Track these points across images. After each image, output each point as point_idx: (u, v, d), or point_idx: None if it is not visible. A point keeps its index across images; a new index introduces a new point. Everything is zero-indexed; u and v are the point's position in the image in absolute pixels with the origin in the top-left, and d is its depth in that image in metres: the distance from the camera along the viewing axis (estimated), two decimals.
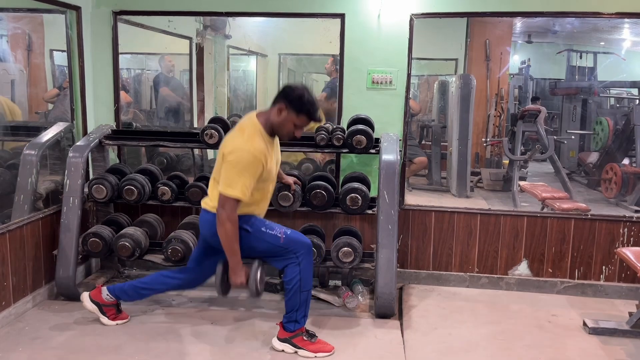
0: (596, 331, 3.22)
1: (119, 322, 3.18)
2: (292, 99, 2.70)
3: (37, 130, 3.84)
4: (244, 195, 2.63)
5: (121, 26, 3.95)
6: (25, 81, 4.41)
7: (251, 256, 2.86)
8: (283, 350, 2.90)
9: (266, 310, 3.42)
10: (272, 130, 2.77)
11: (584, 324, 3.30)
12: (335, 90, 3.99)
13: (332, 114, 4.17)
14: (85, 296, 3.17)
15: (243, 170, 2.62)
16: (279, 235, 2.82)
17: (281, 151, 3.59)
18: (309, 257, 2.86)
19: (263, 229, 2.83)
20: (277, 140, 2.89)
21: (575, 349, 3.05)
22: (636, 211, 5.19)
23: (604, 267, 3.81)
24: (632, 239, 3.76)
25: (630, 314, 3.26)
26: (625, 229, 3.76)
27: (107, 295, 3.15)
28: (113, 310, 3.18)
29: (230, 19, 4.93)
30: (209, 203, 2.81)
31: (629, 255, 3.21)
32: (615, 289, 3.80)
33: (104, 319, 3.16)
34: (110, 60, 3.94)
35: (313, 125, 4.00)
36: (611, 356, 2.96)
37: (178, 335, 3.09)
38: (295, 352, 2.89)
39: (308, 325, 3.06)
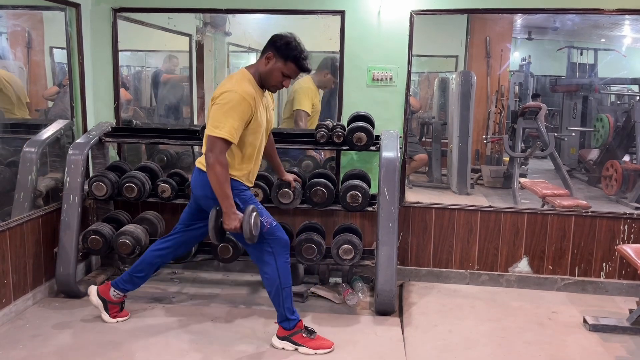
0: (596, 328, 3.22)
1: (119, 319, 3.18)
2: (280, 45, 2.68)
3: (37, 127, 3.83)
4: (232, 137, 2.58)
5: (121, 23, 3.94)
6: (25, 78, 4.40)
7: (229, 234, 2.84)
8: (283, 348, 2.90)
9: (266, 307, 3.42)
10: (261, 82, 2.75)
11: (584, 321, 3.30)
12: (329, 63, 4.02)
13: (326, 84, 4.20)
14: (93, 290, 3.18)
15: (230, 110, 2.58)
16: (265, 223, 2.79)
17: (281, 148, 3.61)
18: (285, 255, 2.85)
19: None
20: (267, 95, 2.87)
21: (575, 346, 3.05)
22: (637, 208, 5.18)
23: (604, 264, 3.81)
24: (632, 236, 3.76)
25: (631, 310, 3.26)
26: (626, 226, 3.76)
27: (115, 292, 3.15)
28: (116, 308, 3.19)
29: (230, 16, 4.92)
30: (202, 162, 2.75)
31: (630, 252, 3.21)
32: (616, 286, 3.80)
33: (106, 316, 3.16)
34: (110, 58, 3.94)
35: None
36: (611, 353, 2.96)
37: (178, 332, 3.09)
38: (296, 349, 2.89)
39: (307, 322, 3.06)
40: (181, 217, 3.10)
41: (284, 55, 2.69)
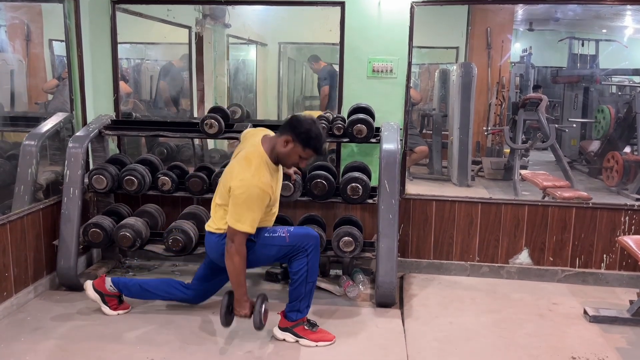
0: (597, 319, 3.23)
1: (120, 312, 3.19)
2: (300, 132, 2.72)
3: (36, 120, 3.82)
4: (253, 229, 2.70)
5: (120, 15, 3.92)
6: (25, 71, 4.39)
7: (264, 264, 2.98)
8: (284, 340, 2.91)
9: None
10: (276, 159, 2.82)
11: (585, 312, 3.30)
12: (335, 77, 3.98)
13: (333, 102, 4.18)
14: (88, 284, 3.19)
15: (252, 205, 2.67)
16: (283, 235, 2.84)
17: None
18: (317, 250, 2.88)
19: (266, 234, 2.85)
20: (280, 167, 2.93)
21: (576, 337, 3.05)
22: (637, 199, 5.17)
23: (605, 256, 3.81)
24: (633, 227, 3.75)
25: (631, 302, 3.26)
26: (627, 217, 3.76)
27: (111, 286, 3.16)
28: (115, 301, 3.19)
29: (229, 7, 4.90)
30: (212, 226, 2.88)
31: (630, 244, 3.20)
32: (616, 277, 3.80)
33: (106, 309, 3.17)
34: (109, 50, 3.92)
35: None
36: (612, 344, 2.97)
37: (179, 325, 3.09)
38: (297, 341, 2.89)
39: (309, 315, 3.07)
40: (197, 274, 3.16)
41: (304, 142, 2.73)
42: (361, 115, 3.52)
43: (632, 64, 8.37)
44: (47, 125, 3.67)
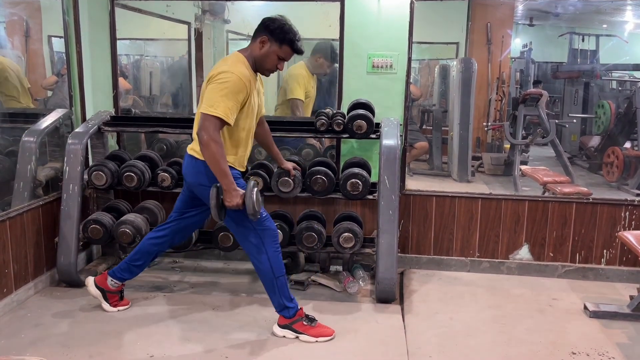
0: (597, 315, 3.23)
1: (120, 308, 3.19)
2: (274, 29, 2.68)
3: (35, 117, 3.82)
4: (227, 117, 2.58)
5: (118, 11, 3.90)
6: (24, 68, 4.37)
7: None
8: (284, 337, 2.91)
9: (267, 296, 3.41)
10: (255, 66, 2.76)
11: (585, 307, 3.30)
12: (321, 47, 3.99)
13: (320, 69, 4.17)
14: (90, 281, 3.18)
15: (227, 91, 2.58)
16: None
17: (281, 136, 3.59)
18: (275, 244, 2.85)
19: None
20: (260, 79, 2.87)
21: (576, 332, 3.05)
22: (638, 195, 5.17)
23: (605, 251, 3.81)
24: (633, 222, 3.75)
25: (632, 297, 3.27)
26: (627, 213, 3.75)
27: (113, 281, 3.15)
28: (116, 298, 3.20)
29: (229, 3, 4.88)
30: (194, 148, 2.74)
31: (630, 239, 3.20)
32: (617, 273, 3.80)
33: (106, 305, 3.17)
34: (108, 46, 3.91)
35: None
36: (612, 339, 2.97)
37: (179, 321, 3.10)
38: (297, 337, 2.90)
39: (308, 310, 3.07)
40: (175, 205, 3.09)
41: (279, 38, 2.69)
42: (361, 111, 3.51)
43: (632, 59, 8.36)
44: (47, 122, 3.66)
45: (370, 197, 3.49)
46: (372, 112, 3.61)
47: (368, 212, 3.88)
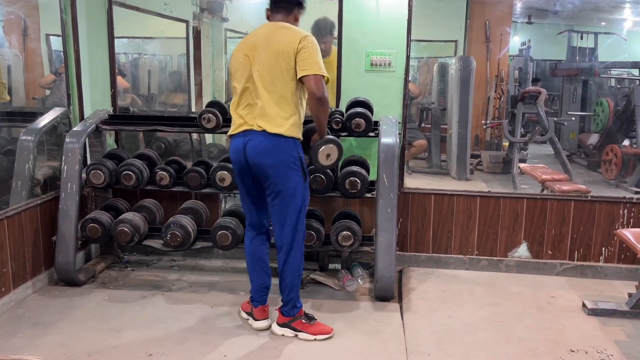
0: (595, 312, 3.23)
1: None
2: (303, 1, 2.87)
3: (33, 115, 3.81)
4: (327, 76, 2.76)
5: (116, 9, 3.89)
6: (22, 66, 4.36)
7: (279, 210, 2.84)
8: (283, 335, 2.91)
9: None
10: None
11: (584, 305, 3.30)
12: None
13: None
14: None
15: (318, 51, 2.73)
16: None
17: None
18: (304, 244, 2.95)
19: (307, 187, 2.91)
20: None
21: (574, 330, 3.06)
22: (636, 192, 5.18)
23: (603, 249, 3.81)
24: (632, 220, 3.75)
25: (630, 295, 3.27)
26: (625, 210, 3.76)
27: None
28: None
29: (227, 1, 4.88)
30: (281, 125, 2.71)
31: (629, 237, 3.20)
32: (615, 270, 3.80)
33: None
34: (106, 45, 3.89)
35: None
36: (610, 337, 2.97)
37: (178, 320, 3.09)
38: (295, 335, 2.89)
39: (307, 308, 3.07)
40: (251, 214, 2.98)
41: (303, 6, 2.90)
42: (359, 109, 3.51)
43: (631, 56, 8.35)
44: (44, 120, 3.65)
45: (368, 195, 3.49)
46: (371, 110, 3.60)
47: (367, 211, 3.88)
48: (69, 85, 3.81)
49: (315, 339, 2.87)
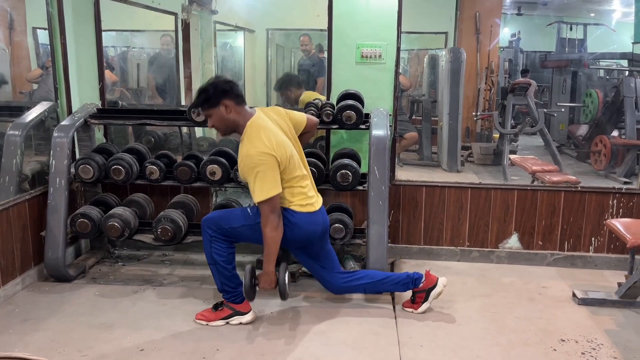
0: (586, 302, 3.26)
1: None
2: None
3: (20, 110, 3.76)
4: None
5: (103, 2, 3.83)
6: (8, 60, 4.30)
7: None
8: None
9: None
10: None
11: (574, 295, 3.33)
12: (324, 66, 3.94)
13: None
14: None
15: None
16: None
17: None
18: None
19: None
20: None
21: (565, 319, 3.08)
22: (625, 183, 5.22)
23: (593, 239, 3.84)
24: (621, 210, 3.78)
25: (619, 284, 3.29)
26: (615, 201, 3.78)
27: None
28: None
29: None
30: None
31: (618, 227, 3.23)
32: (605, 260, 3.83)
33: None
34: (93, 38, 3.85)
35: (303, 99, 3.95)
36: (600, 326, 3.00)
37: (170, 314, 3.08)
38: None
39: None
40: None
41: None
42: (350, 102, 3.50)
43: (619, 47, 8.39)
44: (32, 115, 3.61)
45: (360, 188, 3.49)
46: (362, 102, 3.59)
47: (358, 203, 3.88)
48: (56, 79, 3.77)
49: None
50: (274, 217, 2.73)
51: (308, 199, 2.88)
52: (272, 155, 2.70)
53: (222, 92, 2.77)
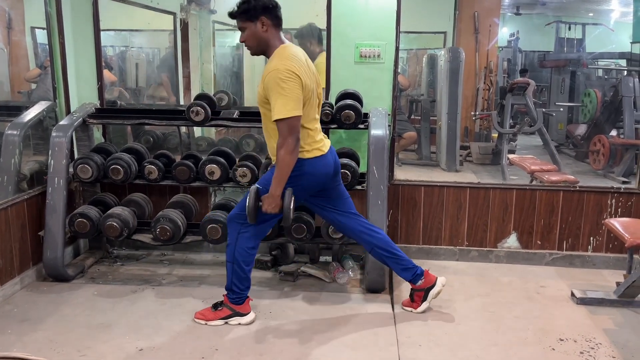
0: (584, 301, 3.26)
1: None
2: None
3: (19, 110, 3.76)
4: None
5: (102, 1, 3.83)
6: (6, 60, 4.30)
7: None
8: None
9: (257, 287, 3.41)
10: None
11: (572, 294, 3.33)
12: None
13: None
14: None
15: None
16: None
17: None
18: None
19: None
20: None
21: (563, 319, 3.08)
22: (624, 182, 5.22)
23: (592, 238, 3.84)
24: (619, 209, 3.78)
25: (618, 283, 3.29)
26: (613, 200, 3.78)
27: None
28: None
29: None
30: None
31: (617, 226, 3.23)
32: (603, 260, 3.83)
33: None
34: (92, 37, 3.84)
35: (318, 63, 3.83)
36: (599, 325, 3.00)
37: (169, 314, 3.08)
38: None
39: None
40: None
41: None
42: (349, 101, 3.50)
43: (618, 47, 8.41)
44: (30, 114, 3.61)
45: (359, 187, 3.49)
46: (361, 102, 3.59)
47: (357, 203, 3.84)
48: (54, 79, 3.76)
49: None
50: (292, 140, 2.59)
51: (315, 143, 2.80)
52: (299, 77, 2.59)
53: (262, 8, 2.64)
